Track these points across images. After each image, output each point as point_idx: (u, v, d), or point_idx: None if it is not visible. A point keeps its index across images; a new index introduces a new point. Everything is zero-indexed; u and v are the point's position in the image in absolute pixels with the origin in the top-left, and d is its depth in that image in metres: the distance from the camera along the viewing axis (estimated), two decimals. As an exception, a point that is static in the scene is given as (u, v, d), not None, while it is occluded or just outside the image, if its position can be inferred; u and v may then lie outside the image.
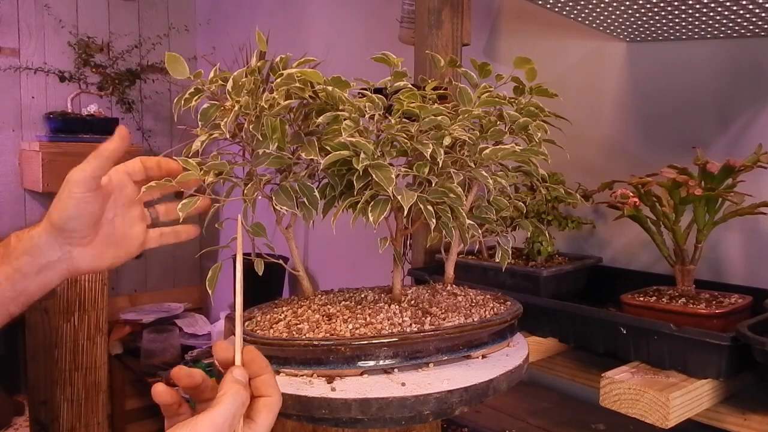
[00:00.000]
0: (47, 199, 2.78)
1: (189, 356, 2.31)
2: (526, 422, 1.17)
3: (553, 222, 1.20)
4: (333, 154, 0.63)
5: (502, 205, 0.77)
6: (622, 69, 1.31)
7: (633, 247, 1.27)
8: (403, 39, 1.56)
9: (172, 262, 3.09)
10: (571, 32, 1.37)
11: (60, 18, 2.80)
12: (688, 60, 1.20)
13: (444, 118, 0.67)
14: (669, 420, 0.78)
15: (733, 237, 1.13)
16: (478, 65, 0.80)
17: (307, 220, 0.68)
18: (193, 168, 0.65)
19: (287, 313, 0.71)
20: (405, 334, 0.63)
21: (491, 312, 0.72)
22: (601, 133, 1.34)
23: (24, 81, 2.76)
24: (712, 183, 0.96)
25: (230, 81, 0.65)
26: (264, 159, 0.65)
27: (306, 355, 0.62)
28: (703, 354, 0.82)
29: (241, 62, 0.73)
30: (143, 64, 2.95)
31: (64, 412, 2.16)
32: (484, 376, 0.63)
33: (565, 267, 1.13)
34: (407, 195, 0.63)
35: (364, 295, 0.75)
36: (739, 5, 0.94)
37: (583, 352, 1.02)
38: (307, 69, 0.66)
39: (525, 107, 0.77)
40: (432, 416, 0.62)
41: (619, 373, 0.85)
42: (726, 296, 0.96)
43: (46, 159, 2.50)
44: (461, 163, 0.71)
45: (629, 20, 1.11)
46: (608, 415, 0.87)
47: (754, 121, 1.12)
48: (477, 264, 1.17)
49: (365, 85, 0.72)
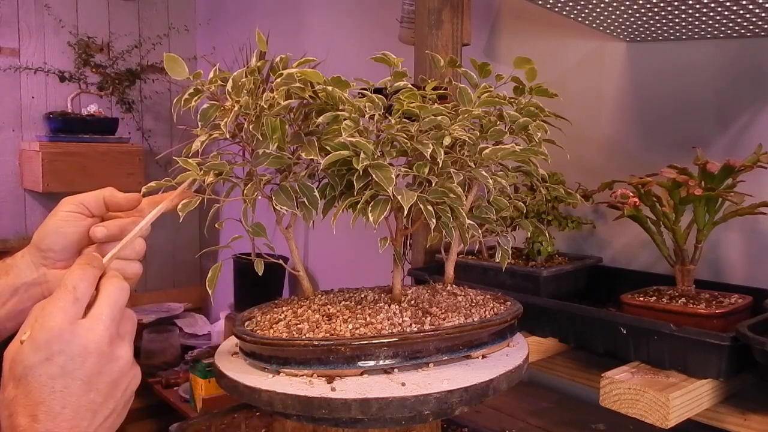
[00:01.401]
0: (47, 199, 2.78)
1: (189, 356, 2.31)
2: (526, 422, 1.17)
3: (553, 222, 1.20)
4: (333, 154, 0.63)
5: (502, 205, 0.77)
6: (622, 69, 1.31)
7: (633, 247, 1.27)
8: (403, 39, 1.56)
9: (172, 262, 3.09)
10: (571, 32, 1.37)
11: (60, 18, 2.80)
12: (688, 60, 1.20)
13: (444, 118, 0.67)
14: (669, 420, 0.78)
15: (733, 237, 1.13)
16: (478, 65, 0.80)
17: (307, 220, 0.68)
18: (192, 168, 0.65)
19: (287, 313, 0.71)
20: (405, 334, 0.63)
21: (491, 312, 0.72)
22: (601, 133, 1.34)
23: (24, 81, 2.76)
24: (712, 183, 0.96)
25: (230, 81, 0.65)
26: (264, 159, 0.65)
27: (306, 355, 0.62)
28: (703, 354, 0.82)
29: (241, 62, 0.73)
30: (143, 64, 2.95)
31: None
32: (484, 376, 0.63)
33: (565, 267, 1.13)
34: (407, 195, 0.63)
35: (364, 295, 0.75)
36: (739, 5, 0.94)
37: (583, 352, 1.02)
38: (307, 69, 0.66)
39: (525, 107, 0.77)
40: (432, 416, 0.62)
41: (619, 373, 0.85)
42: (726, 296, 0.96)
43: (46, 159, 2.50)
44: (461, 163, 0.71)
45: (629, 20, 1.11)
46: (608, 415, 0.87)
47: (754, 121, 1.12)
48: (477, 264, 1.17)
49: (365, 85, 0.72)
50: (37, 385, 0.53)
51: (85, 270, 0.59)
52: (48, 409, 0.53)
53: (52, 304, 0.56)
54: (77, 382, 0.55)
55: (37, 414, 0.53)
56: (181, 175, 0.66)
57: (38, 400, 0.53)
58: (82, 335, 0.56)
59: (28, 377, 0.54)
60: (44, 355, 0.54)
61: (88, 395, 0.55)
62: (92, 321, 0.57)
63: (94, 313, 0.57)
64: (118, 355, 0.58)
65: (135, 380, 0.60)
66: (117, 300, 0.59)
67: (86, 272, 0.59)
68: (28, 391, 0.53)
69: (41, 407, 0.53)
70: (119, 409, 0.58)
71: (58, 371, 0.54)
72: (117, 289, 0.59)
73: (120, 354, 0.58)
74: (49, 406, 0.53)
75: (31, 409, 0.53)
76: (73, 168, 2.54)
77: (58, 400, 0.53)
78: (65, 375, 0.54)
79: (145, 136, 3.01)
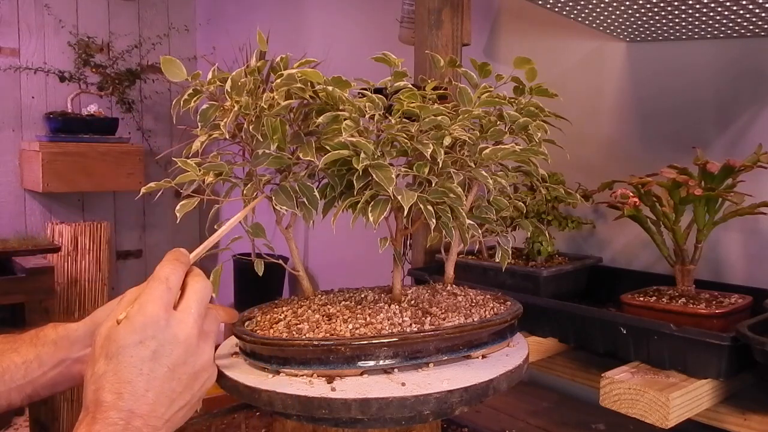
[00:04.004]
0: (47, 199, 2.78)
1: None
2: (526, 422, 1.17)
3: (553, 222, 1.20)
4: (331, 153, 0.63)
5: (502, 205, 0.77)
6: (622, 69, 1.31)
7: (633, 247, 1.27)
8: (403, 39, 1.56)
9: (172, 262, 3.08)
10: (571, 32, 1.37)
11: (60, 18, 2.80)
12: (688, 60, 1.20)
13: (444, 118, 0.67)
14: (669, 420, 0.78)
15: (733, 237, 1.13)
16: (478, 65, 0.80)
17: (307, 220, 0.68)
18: (192, 169, 0.65)
19: (287, 313, 0.71)
20: (405, 334, 0.63)
21: (491, 312, 0.72)
22: (601, 133, 1.34)
23: (24, 81, 2.77)
24: (712, 183, 0.96)
25: (229, 81, 0.65)
26: (264, 159, 0.65)
27: (306, 355, 0.62)
28: (703, 354, 0.82)
29: (241, 62, 0.73)
30: (143, 64, 2.95)
31: (64, 412, 2.16)
32: (484, 376, 0.63)
33: (565, 267, 1.13)
34: (407, 195, 0.63)
35: (364, 295, 0.75)
36: (739, 5, 0.94)
37: (583, 352, 1.02)
38: (308, 69, 0.66)
39: (525, 107, 0.77)
40: (432, 416, 0.62)
41: (619, 373, 0.85)
42: (726, 296, 0.96)
43: (46, 159, 2.50)
44: (461, 163, 0.71)
45: (629, 20, 1.11)
46: (608, 415, 0.87)
47: (754, 121, 1.12)
48: (477, 264, 1.17)
49: (365, 85, 0.72)
50: (127, 365, 0.56)
51: (175, 265, 0.62)
52: (133, 389, 0.55)
53: (148, 292, 0.59)
54: (163, 368, 0.57)
55: (123, 392, 0.55)
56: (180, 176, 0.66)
57: (126, 379, 0.55)
58: (174, 325, 0.58)
59: (120, 356, 0.56)
60: (139, 337, 0.56)
61: (171, 383, 0.57)
62: (184, 313, 0.60)
63: (183, 305, 0.60)
64: (203, 350, 0.60)
65: (212, 378, 0.63)
66: (203, 297, 0.62)
67: (176, 267, 0.62)
68: (119, 369, 0.56)
69: (127, 386, 0.55)
70: (193, 402, 0.60)
71: (149, 355, 0.56)
72: (203, 287, 0.62)
73: (205, 349, 0.61)
74: (135, 387, 0.55)
75: (118, 386, 0.55)
76: (73, 168, 2.54)
77: (143, 383, 0.56)
78: (154, 359, 0.57)
79: (145, 136, 3.01)
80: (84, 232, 2.52)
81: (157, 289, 0.59)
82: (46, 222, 2.65)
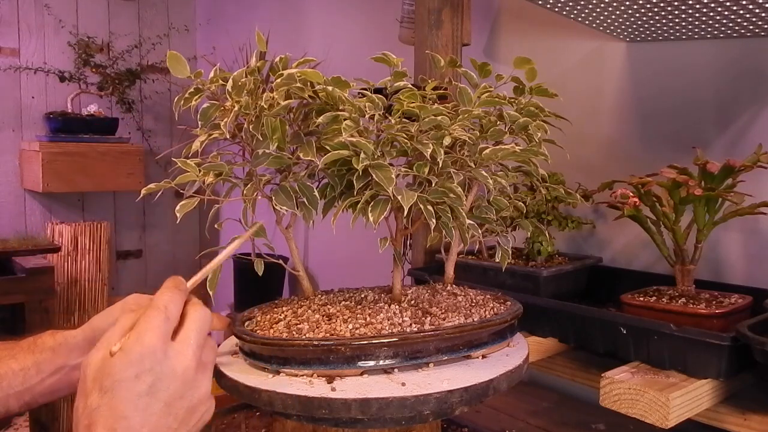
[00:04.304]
0: (47, 199, 2.78)
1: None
2: (526, 422, 1.17)
3: (553, 222, 1.20)
4: (332, 153, 0.63)
5: (502, 205, 0.77)
6: (622, 69, 1.31)
7: (633, 247, 1.27)
8: (403, 39, 1.56)
9: (172, 263, 3.09)
10: (571, 32, 1.37)
11: (60, 18, 2.80)
12: (688, 60, 1.20)
13: (444, 118, 0.67)
14: (669, 420, 0.78)
15: (733, 237, 1.13)
16: (478, 65, 0.80)
17: (307, 220, 0.68)
18: (191, 169, 0.65)
19: (287, 313, 0.71)
20: (405, 334, 0.63)
21: (491, 312, 0.72)
22: (601, 133, 1.34)
23: (24, 81, 2.77)
24: (712, 183, 0.96)
25: (230, 81, 0.65)
26: (264, 159, 0.65)
27: (306, 355, 0.62)
28: (703, 354, 0.82)
29: (241, 62, 0.73)
30: (143, 64, 2.95)
31: (64, 412, 2.16)
32: (484, 376, 0.63)
33: (565, 267, 1.13)
34: (407, 195, 0.63)
35: (364, 295, 0.75)
36: (739, 5, 0.94)
37: (583, 352, 1.02)
38: (308, 69, 0.66)
39: (525, 107, 0.77)
40: (432, 416, 0.62)
41: (619, 373, 0.85)
42: (726, 296, 0.96)
43: (46, 159, 2.50)
44: (461, 163, 0.71)
45: (629, 20, 1.11)
46: (608, 415, 0.87)
47: (754, 121, 1.12)
48: (477, 264, 1.17)
49: (365, 85, 0.72)
50: (123, 399, 0.53)
51: (174, 293, 0.60)
52: (128, 425, 0.53)
53: (145, 321, 0.56)
54: (160, 404, 0.55)
55: (117, 428, 0.53)
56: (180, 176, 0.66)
57: (121, 415, 0.53)
58: (172, 357, 0.56)
59: (115, 390, 0.54)
60: (135, 371, 0.54)
61: (167, 419, 0.55)
62: (182, 344, 0.58)
63: (182, 336, 0.58)
64: (200, 383, 0.58)
65: (209, 412, 0.61)
66: (202, 326, 0.60)
67: (175, 295, 0.60)
68: (114, 404, 0.53)
69: (122, 422, 0.53)
70: None
71: (145, 389, 0.54)
72: (201, 316, 0.61)
73: (203, 381, 0.59)
74: (130, 423, 0.53)
75: (112, 422, 0.53)
76: (73, 168, 2.54)
77: (139, 419, 0.54)
78: (150, 394, 0.55)
79: (145, 136, 3.01)
80: (84, 232, 2.52)
81: (155, 319, 0.57)
82: (46, 222, 2.65)
